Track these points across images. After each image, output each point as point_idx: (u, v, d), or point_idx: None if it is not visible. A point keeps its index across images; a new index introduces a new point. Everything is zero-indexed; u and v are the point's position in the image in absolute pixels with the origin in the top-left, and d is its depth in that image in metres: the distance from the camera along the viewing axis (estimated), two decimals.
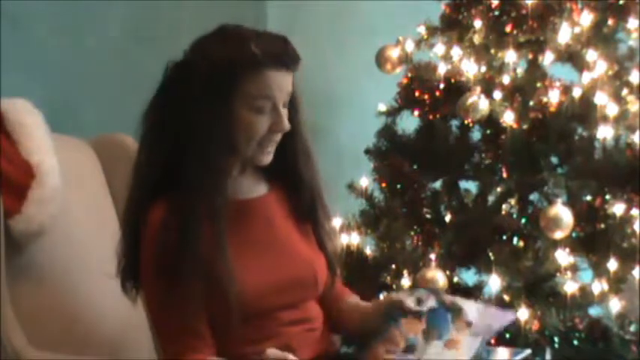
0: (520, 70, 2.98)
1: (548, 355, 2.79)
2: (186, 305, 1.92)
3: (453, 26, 3.06)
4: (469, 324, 1.95)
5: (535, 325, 2.76)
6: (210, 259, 1.91)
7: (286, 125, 1.98)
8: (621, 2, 2.97)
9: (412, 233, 3.00)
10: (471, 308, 1.98)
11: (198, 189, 1.93)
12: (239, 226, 2.01)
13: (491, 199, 3.01)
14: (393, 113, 3.13)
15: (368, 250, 3.02)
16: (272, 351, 1.83)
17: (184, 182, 1.94)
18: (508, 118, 2.88)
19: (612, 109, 2.85)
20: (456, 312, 1.97)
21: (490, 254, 2.81)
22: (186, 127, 1.95)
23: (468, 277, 2.96)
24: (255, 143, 1.97)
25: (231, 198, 2.01)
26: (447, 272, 2.80)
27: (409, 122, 3.13)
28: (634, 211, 2.83)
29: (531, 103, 2.92)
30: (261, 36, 1.97)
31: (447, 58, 3.02)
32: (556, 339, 2.79)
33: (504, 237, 2.86)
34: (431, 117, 3.06)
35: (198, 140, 1.94)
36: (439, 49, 3.05)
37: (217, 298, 1.92)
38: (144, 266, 1.97)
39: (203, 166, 1.93)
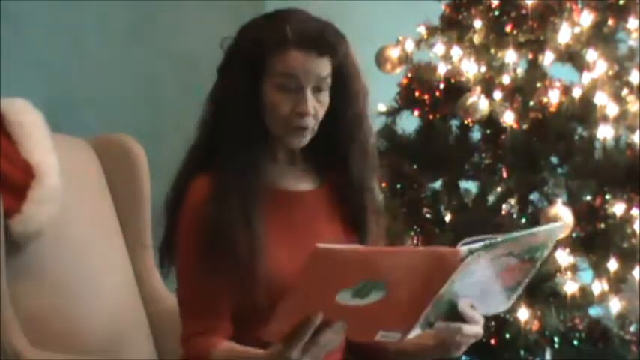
0: (520, 70, 2.98)
1: (548, 355, 2.79)
2: (213, 284, 1.91)
3: (453, 26, 3.06)
4: None
5: (535, 325, 2.76)
6: (243, 239, 1.90)
7: (309, 109, 1.93)
8: (621, 2, 2.97)
9: (412, 233, 3.00)
10: None
11: (232, 165, 1.93)
12: (278, 216, 1.98)
13: (491, 199, 3.01)
14: (393, 113, 3.13)
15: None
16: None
17: (220, 159, 1.94)
18: (508, 118, 2.88)
19: (612, 109, 2.85)
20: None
21: None
22: (222, 103, 1.97)
23: None
24: (281, 124, 1.95)
25: (274, 186, 1.99)
26: None
27: (409, 122, 3.13)
28: (634, 211, 2.83)
29: (531, 103, 2.92)
30: (303, 19, 1.97)
31: (447, 58, 3.02)
32: (556, 339, 2.79)
33: None
34: (431, 117, 3.06)
35: (230, 116, 1.95)
36: (439, 49, 3.05)
37: (247, 281, 1.90)
38: (179, 238, 1.97)
39: (235, 142, 1.93)
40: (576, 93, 2.88)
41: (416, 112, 3.09)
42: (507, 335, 2.78)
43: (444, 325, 1.83)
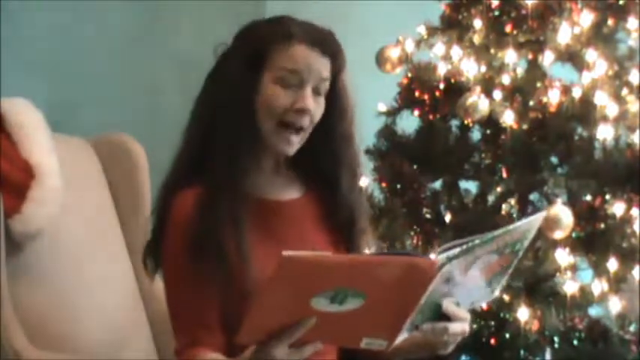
0: (520, 70, 2.99)
1: (548, 355, 2.80)
2: (201, 296, 1.90)
3: (453, 26, 3.06)
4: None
5: (535, 325, 2.76)
6: (230, 250, 1.89)
7: (309, 104, 1.92)
8: (621, 2, 2.97)
9: (412, 233, 3.00)
10: None
11: (220, 176, 1.91)
12: (265, 226, 1.97)
13: (491, 199, 3.01)
14: (393, 113, 3.13)
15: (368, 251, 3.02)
16: None
17: (208, 170, 1.92)
18: (508, 118, 2.88)
19: (612, 109, 2.85)
20: None
21: None
22: (216, 107, 1.94)
23: None
24: (276, 120, 1.92)
25: (260, 196, 1.98)
26: None
27: (409, 122, 3.13)
28: (634, 211, 2.83)
29: (531, 103, 2.92)
30: (306, 22, 1.97)
31: (447, 58, 3.02)
32: (556, 339, 2.79)
33: None
34: (431, 117, 3.07)
35: (223, 121, 1.92)
36: (439, 49, 3.05)
37: (235, 292, 1.90)
38: (165, 250, 1.95)
39: (225, 152, 1.92)
40: (576, 93, 2.88)
41: (416, 112, 3.10)
42: (507, 335, 2.78)
43: (430, 327, 1.82)
